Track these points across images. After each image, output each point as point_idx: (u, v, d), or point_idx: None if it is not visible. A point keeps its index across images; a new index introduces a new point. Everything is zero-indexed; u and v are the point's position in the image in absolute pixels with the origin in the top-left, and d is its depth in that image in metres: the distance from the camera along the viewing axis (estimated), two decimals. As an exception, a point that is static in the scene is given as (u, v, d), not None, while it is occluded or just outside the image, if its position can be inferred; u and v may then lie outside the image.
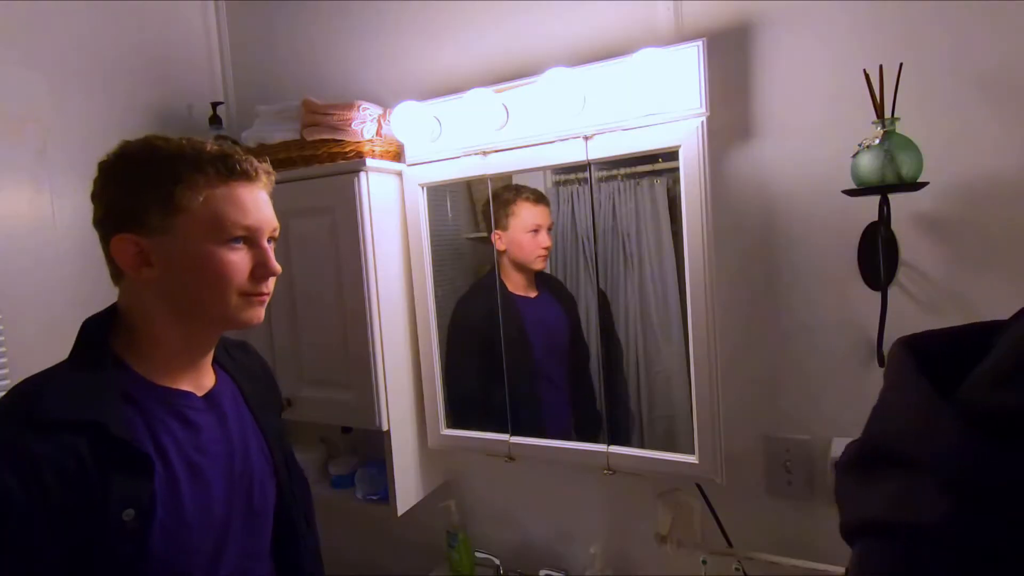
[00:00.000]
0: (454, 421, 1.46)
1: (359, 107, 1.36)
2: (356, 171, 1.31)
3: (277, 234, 0.82)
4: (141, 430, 0.71)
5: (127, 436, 0.68)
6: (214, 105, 1.65)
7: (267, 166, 0.81)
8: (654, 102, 1.13)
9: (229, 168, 0.74)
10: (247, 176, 0.76)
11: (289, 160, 1.40)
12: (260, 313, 0.79)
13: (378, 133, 1.40)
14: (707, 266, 1.11)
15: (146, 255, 0.72)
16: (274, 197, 0.81)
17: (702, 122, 1.09)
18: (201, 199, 0.72)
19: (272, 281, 0.80)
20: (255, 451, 0.85)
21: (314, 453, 1.65)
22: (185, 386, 0.78)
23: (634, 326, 1.28)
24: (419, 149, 1.40)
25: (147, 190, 0.71)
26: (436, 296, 1.43)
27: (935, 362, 0.30)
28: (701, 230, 1.11)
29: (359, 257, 1.31)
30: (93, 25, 1.49)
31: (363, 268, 1.31)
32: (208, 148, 0.74)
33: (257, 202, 0.77)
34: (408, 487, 1.44)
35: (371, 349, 1.33)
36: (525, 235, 1.35)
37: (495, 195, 1.36)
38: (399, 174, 1.42)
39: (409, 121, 1.35)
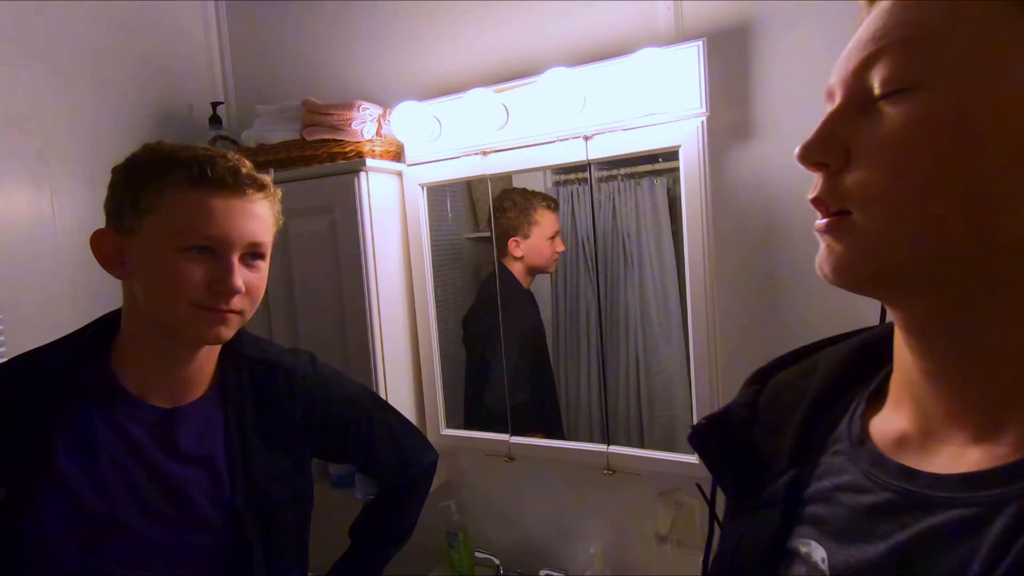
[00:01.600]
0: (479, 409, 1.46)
1: (359, 107, 1.36)
2: (356, 171, 1.31)
3: (262, 251, 0.76)
4: (61, 424, 0.71)
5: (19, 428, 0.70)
6: (214, 105, 1.65)
7: (263, 179, 0.76)
8: (654, 102, 1.13)
9: (199, 174, 0.70)
10: (222, 184, 0.71)
11: (289, 160, 1.40)
12: (221, 332, 0.73)
13: (378, 133, 1.40)
14: (707, 266, 1.11)
15: (121, 253, 0.72)
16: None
17: (702, 122, 1.09)
18: (166, 202, 0.70)
19: (241, 299, 0.74)
20: (201, 494, 0.77)
21: (314, 453, 1.64)
22: (156, 397, 0.76)
23: (634, 326, 1.28)
24: (419, 149, 1.40)
25: (125, 189, 0.72)
26: (436, 296, 1.43)
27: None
28: (701, 230, 1.11)
29: (359, 257, 1.31)
30: (93, 25, 1.49)
31: (363, 268, 1.31)
32: (190, 152, 0.72)
33: (230, 213, 0.72)
34: (408, 487, 1.43)
35: (371, 349, 1.33)
36: (545, 242, 1.36)
37: (513, 202, 1.37)
38: (399, 174, 1.42)
39: (409, 121, 1.35)
